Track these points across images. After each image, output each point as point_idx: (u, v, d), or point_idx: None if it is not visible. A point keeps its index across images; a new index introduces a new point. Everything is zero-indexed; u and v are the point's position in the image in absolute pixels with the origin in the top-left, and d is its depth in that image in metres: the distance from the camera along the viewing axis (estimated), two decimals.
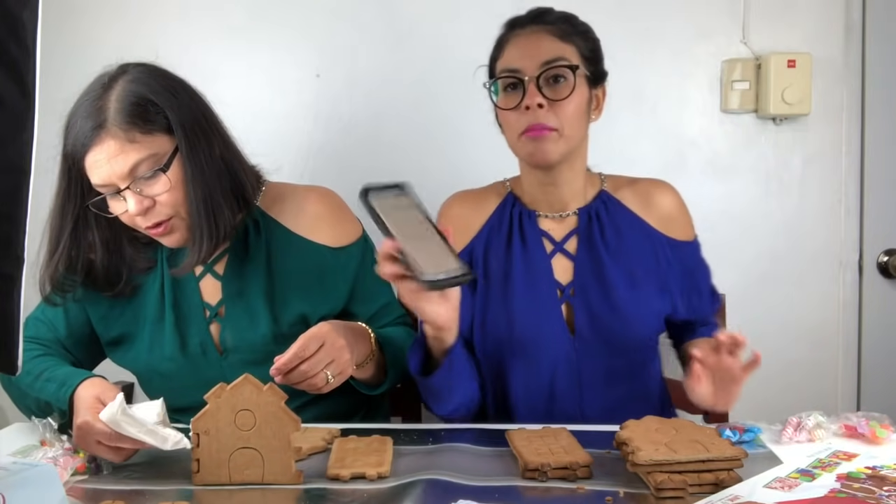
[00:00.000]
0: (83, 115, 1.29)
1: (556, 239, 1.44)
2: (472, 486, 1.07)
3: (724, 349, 1.18)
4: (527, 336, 1.39)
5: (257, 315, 1.41)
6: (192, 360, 1.42)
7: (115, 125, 1.27)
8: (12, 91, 0.73)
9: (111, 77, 1.32)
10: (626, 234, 1.43)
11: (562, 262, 1.43)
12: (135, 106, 1.28)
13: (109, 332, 1.45)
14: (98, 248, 1.38)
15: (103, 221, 1.37)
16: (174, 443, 1.14)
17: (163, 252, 1.44)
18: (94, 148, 1.28)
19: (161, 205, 1.31)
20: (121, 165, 1.27)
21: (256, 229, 1.44)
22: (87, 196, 1.34)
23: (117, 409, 1.13)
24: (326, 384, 1.24)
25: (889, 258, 2.01)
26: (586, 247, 1.42)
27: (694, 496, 1.02)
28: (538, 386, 1.41)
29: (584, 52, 1.37)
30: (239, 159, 1.42)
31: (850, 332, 2.03)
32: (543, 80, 1.33)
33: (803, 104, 1.92)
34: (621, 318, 1.39)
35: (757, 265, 2.01)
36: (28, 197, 0.77)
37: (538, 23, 1.37)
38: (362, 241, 1.49)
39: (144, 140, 1.28)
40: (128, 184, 1.29)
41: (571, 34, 1.36)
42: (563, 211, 1.44)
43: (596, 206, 1.44)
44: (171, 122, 1.30)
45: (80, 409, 1.20)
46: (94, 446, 1.17)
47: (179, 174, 1.31)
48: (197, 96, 1.38)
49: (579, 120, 1.36)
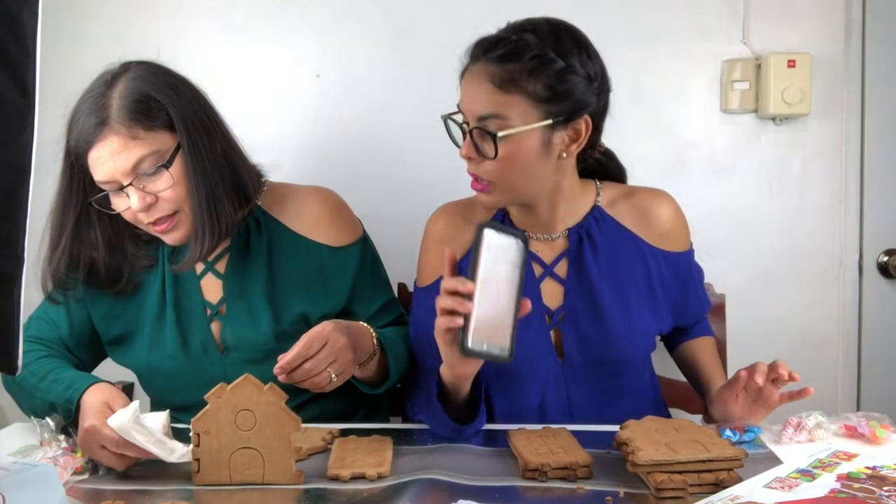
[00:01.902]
0: (86, 112, 1.30)
1: (545, 262, 1.39)
2: (472, 486, 1.07)
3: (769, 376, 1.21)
4: (514, 363, 1.22)
5: (258, 313, 1.41)
6: (193, 358, 1.42)
7: (118, 122, 1.28)
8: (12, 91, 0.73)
9: (114, 75, 1.33)
10: (619, 254, 1.38)
11: (551, 286, 1.38)
12: (137, 103, 1.29)
13: (110, 330, 1.45)
14: (100, 246, 1.38)
15: (105, 219, 1.38)
16: (180, 455, 1.14)
17: (164, 250, 1.45)
18: (97, 144, 1.28)
19: (163, 201, 1.32)
20: (123, 162, 1.28)
21: (258, 228, 1.45)
22: (88, 193, 1.35)
23: (130, 417, 1.13)
24: (330, 382, 1.25)
25: (889, 258, 2.01)
26: (576, 270, 1.37)
27: (694, 496, 1.02)
28: (528, 409, 1.39)
29: (540, 95, 1.22)
30: (240, 157, 1.43)
31: (850, 332, 2.03)
32: (476, 134, 1.24)
33: (803, 104, 1.92)
34: (612, 343, 1.36)
35: (757, 265, 2.01)
36: (28, 197, 0.77)
37: (484, 61, 1.24)
38: (362, 241, 1.50)
39: (147, 136, 1.29)
40: (130, 180, 1.29)
41: (518, 79, 1.22)
42: (552, 233, 1.39)
43: (588, 224, 1.38)
44: (173, 119, 1.31)
45: (87, 414, 1.20)
46: (98, 451, 1.16)
47: (182, 170, 1.31)
48: (199, 94, 1.39)
49: (522, 174, 1.26)
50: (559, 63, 1.23)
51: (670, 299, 1.42)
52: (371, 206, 1.64)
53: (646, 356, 1.46)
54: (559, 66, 1.23)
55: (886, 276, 2.02)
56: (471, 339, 1.09)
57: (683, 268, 1.44)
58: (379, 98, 1.98)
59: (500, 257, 1.12)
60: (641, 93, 1.97)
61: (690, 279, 1.48)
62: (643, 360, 1.46)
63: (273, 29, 1.99)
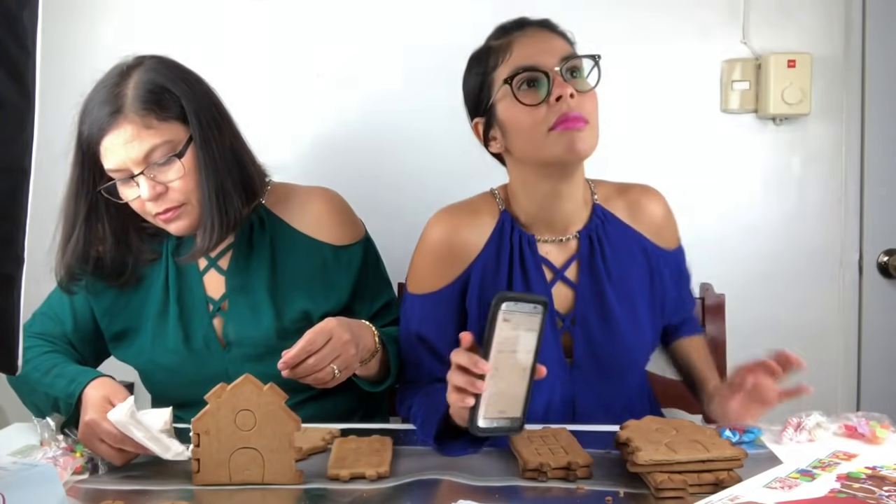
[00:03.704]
0: (100, 101, 1.32)
1: (556, 265, 1.38)
2: (472, 486, 1.07)
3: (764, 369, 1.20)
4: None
5: (260, 310, 1.42)
6: (196, 353, 1.43)
7: (133, 111, 1.30)
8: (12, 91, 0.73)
9: (128, 66, 1.35)
10: (625, 254, 1.38)
11: (562, 290, 1.38)
12: (151, 93, 1.31)
13: (113, 326, 1.46)
14: (108, 237, 1.40)
15: (113, 210, 1.39)
16: (175, 454, 1.15)
17: (168, 245, 1.46)
18: (110, 132, 1.30)
19: (173, 191, 1.33)
20: (136, 150, 1.30)
21: (261, 226, 1.46)
22: (98, 183, 1.36)
23: (127, 411, 1.14)
24: (333, 378, 1.26)
25: (889, 258, 2.01)
26: (588, 273, 1.37)
27: (694, 496, 1.02)
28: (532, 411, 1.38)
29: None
30: (248, 154, 1.45)
31: (850, 332, 2.02)
32: (567, 72, 1.28)
33: (803, 104, 1.92)
34: (620, 346, 1.36)
35: (757, 265, 2.01)
36: (28, 197, 0.77)
37: (542, 27, 1.34)
38: (364, 241, 1.51)
39: (160, 126, 1.31)
40: (142, 169, 1.31)
41: (571, 41, 1.35)
42: (564, 234, 1.38)
43: (594, 225, 1.38)
44: (185, 111, 1.33)
45: (88, 408, 1.21)
46: (98, 444, 1.17)
47: (193, 162, 1.33)
48: (210, 89, 1.41)
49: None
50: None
51: (667, 296, 1.43)
52: (371, 206, 1.64)
53: (648, 357, 1.46)
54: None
55: (886, 276, 2.02)
56: (481, 419, 1.06)
57: (676, 266, 1.46)
58: (379, 98, 1.98)
59: (519, 325, 1.07)
60: (641, 93, 1.97)
61: (683, 279, 1.49)
62: (646, 362, 1.46)
63: (273, 29, 1.99)
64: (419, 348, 1.40)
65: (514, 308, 1.05)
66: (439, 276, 1.39)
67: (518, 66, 1.28)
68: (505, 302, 1.04)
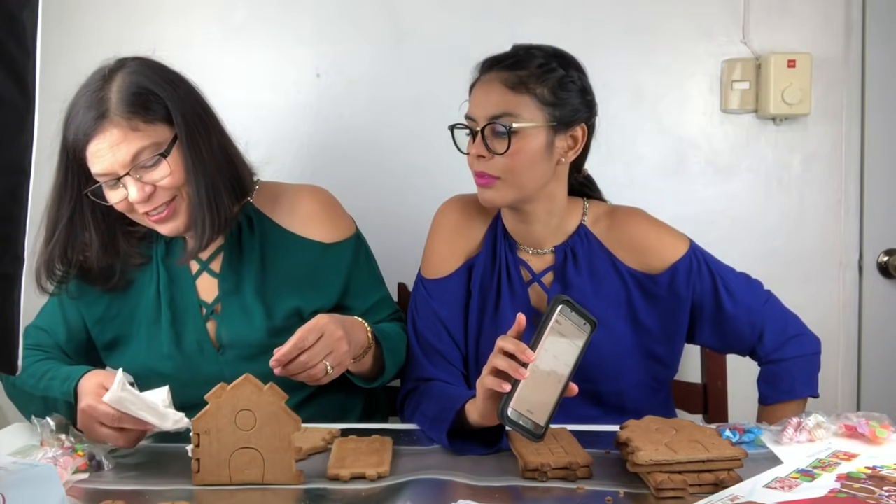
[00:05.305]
0: (84, 105, 1.30)
1: (535, 271, 1.44)
2: (472, 486, 1.07)
3: None
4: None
5: (251, 310, 1.42)
6: (189, 357, 1.42)
7: (118, 114, 1.29)
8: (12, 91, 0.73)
9: (111, 69, 1.33)
10: (599, 273, 1.41)
11: (537, 290, 1.44)
12: (136, 96, 1.30)
13: (105, 334, 1.46)
14: (94, 241, 1.38)
15: (99, 214, 1.38)
16: (174, 421, 1.15)
17: (158, 250, 1.45)
18: (96, 137, 1.29)
19: (161, 189, 1.32)
20: (123, 154, 1.29)
21: (250, 227, 1.45)
22: (83, 188, 1.35)
23: (117, 385, 1.14)
24: (325, 375, 1.26)
25: (889, 258, 2.01)
26: (560, 283, 1.42)
27: (694, 496, 1.02)
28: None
29: (545, 98, 1.33)
30: (236, 152, 1.44)
31: (850, 332, 2.02)
32: (488, 131, 1.33)
33: (803, 104, 1.92)
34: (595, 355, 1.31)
35: (757, 265, 1.99)
36: (28, 197, 0.76)
37: (494, 70, 1.36)
38: (355, 238, 1.50)
39: (146, 129, 1.30)
40: (128, 171, 1.29)
41: (528, 82, 1.33)
42: (540, 248, 1.44)
43: (573, 243, 1.43)
44: (171, 112, 1.32)
45: (83, 395, 1.21)
46: (98, 429, 1.18)
47: (179, 160, 1.32)
48: (194, 89, 1.40)
49: (528, 169, 1.33)
50: (560, 72, 1.36)
51: (660, 321, 1.42)
52: (370, 206, 1.65)
53: (639, 371, 1.44)
54: (560, 74, 1.36)
55: (886, 276, 2.02)
56: (511, 407, 1.07)
57: (665, 288, 1.41)
58: (379, 98, 1.98)
59: (566, 333, 1.11)
60: (641, 93, 1.97)
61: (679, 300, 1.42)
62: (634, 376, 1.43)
63: (273, 29, 1.99)
64: (443, 334, 1.43)
65: (568, 314, 1.11)
66: (456, 256, 1.46)
67: (465, 115, 1.38)
68: (562, 304, 1.10)
